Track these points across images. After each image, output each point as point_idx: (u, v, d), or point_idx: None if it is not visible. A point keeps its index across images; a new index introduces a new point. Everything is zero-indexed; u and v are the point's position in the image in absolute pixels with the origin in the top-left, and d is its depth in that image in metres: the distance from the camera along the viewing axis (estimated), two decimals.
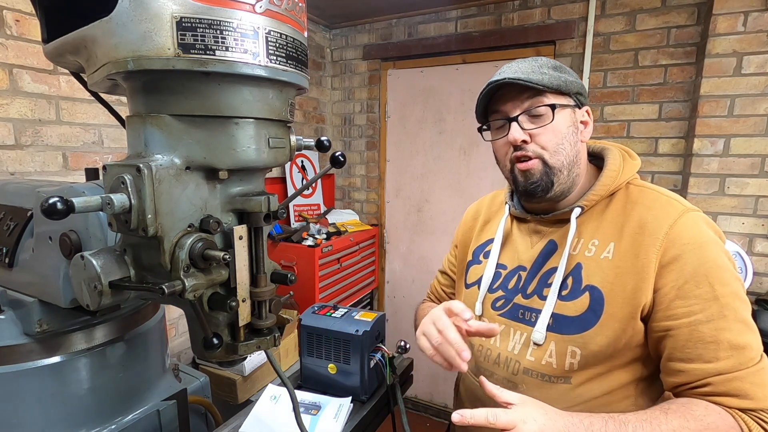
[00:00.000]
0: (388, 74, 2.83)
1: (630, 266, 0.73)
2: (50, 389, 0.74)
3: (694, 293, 0.68)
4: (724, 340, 0.66)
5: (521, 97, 0.78)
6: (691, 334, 0.68)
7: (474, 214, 1.06)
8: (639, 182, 0.82)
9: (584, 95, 0.82)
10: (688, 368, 0.68)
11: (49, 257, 0.70)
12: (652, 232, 0.73)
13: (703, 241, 0.70)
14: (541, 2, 2.29)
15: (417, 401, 2.95)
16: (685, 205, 0.75)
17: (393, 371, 1.11)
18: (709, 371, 0.66)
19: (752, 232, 1.85)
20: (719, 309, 0.67)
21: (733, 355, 0.66)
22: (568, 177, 0.80)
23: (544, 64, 0.80)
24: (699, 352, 0.67)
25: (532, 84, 0.75)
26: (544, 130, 0.77)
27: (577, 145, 0.80)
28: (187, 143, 0.52)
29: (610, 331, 0.73)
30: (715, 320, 0.67)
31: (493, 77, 0.80)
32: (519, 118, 0.78)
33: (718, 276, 0.68)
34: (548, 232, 0.85)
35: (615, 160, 0.82)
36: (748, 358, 0.66)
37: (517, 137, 0.77)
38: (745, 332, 0.67)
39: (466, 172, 2.66)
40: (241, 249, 0.56)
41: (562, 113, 0.78)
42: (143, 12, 0.46)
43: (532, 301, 0.82)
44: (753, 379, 0.66)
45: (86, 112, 1.57)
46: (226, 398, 1.83)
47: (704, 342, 0.67)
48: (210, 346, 0.55)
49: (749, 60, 1.77)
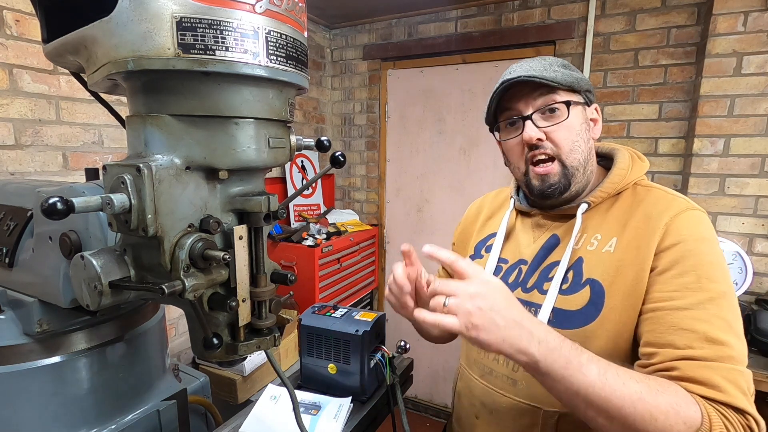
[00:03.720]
0: (388, 74, 2.83)
1: (632, 258, 0.72)
2: (50, 389, 0.74)
3: (677, 280, 0.67)
4: (700, 330, 0.63)
5: (534, 94, 0.77)
6: (665, 317, 0.66)
7: (476, 210, 1.06)
8: (647, 183, 0.82)
9: (593, 93, 0.82)
10: (658, 351, 0.65)
11: (49, 257, 0.70)
12: (654, 222, 0.72)
13: (702, 237, 0.70)
14: (541, 2, 2.29)
15: (417, 401, 2.95)
16: (692, 204, 0.75)
17: (393, 371, 1.11)
18: (677, 355, 0.63)
19: (752, 232, 1.85)
20: (700, 300, 0.64)
21: (706, 347, 0.62)
22: (583, 175, 0.80)
23: (553, 62, 0.79)
24: (671, 338, 0.64)
25: (547, 81, 0.75)
26: (558, 127, 0.77)
27: (590, 143, 0.80)
28: (187, 143, 0.53)
29: (611, 324, 0.72)
30: (694, 309, 0.64)
31: (505, 76, 0.79)
32: (533, 116, 0.77)
33: (708, 272, 0.66)
34: (552, 226, 0.85)
35: (624, 160, 0.82)
36: (726, 355, 0.61)
37: (533, 135, 0.77)
38: (727, 331, 0.63)
39: (466, 172, 2.66)
40: (241, 249, 0.56)
41: (575, 110, 0.78)
42: (143, 12, 0.46)
43: (532, 296, 0.82)
44: (726, 375, 0.60)
45: (86, 112, 1.57)
46: (226, 398, 1.83)
47: (678, 328, 0.64)
48: (210, 346, 0.55)
49: (749, 60, 1.77)
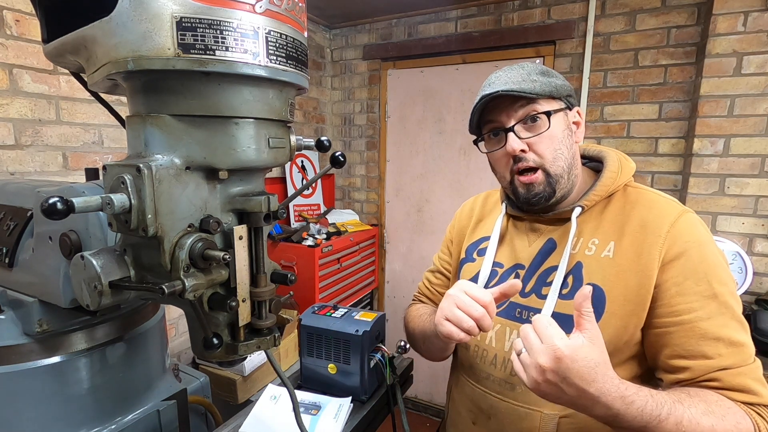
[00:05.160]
0: (388, 74, 2.83)
1: (632, 264, 0.74)
2: (50, 389, 0.74)
3: (693, 290, 0.70)
4: (725, 336, 0.68)
5: (514, 106, 0.78)
6: (693, 330, 0.69)
7: (469, 211, 1.05)
8: (635, 184, 0.84)
9: (574, 96, 0.82)
10: (691, 364, 0.69)
11: (49, 257, 0.70)
12: (653, 231, 0.74)
13: (703, 240, 0.72)
14: (541, 2, 2.29)
15: (417, 401, 2.95)
16: (681, 205, 0.78)
17: (393, 371, 1.11)
18: (714, 366, 0.67)
19: (752, 232, 1.85)
20: (718, 306, 0.69)
21: (733, 352, 0.67)
22: (568, 181, 0.80)
23: (532, 71, 0.79)
24: (702, 348, 0.68)
25: (525, 94, 0.76)
26: (540, 138, 0.77)
27: (573, 147, 0.81)
28: (187, 143, 0.52)
29: (612, 329, 0.73)
30: (715, 317, 0.68)
31: (485, 89, 0.80)
32: (515, 128, 0.78)
33: (716, 274, 0.70)
34: (547, 230, 0.85)
35: (614, 163, 0.83)
36: (747, 355, 0.68)
37: (516, 147, 0.77)
38: (741, 330, 0.69)
39: (466, 172, 2.66)
40: (241, 249, 0.56)
41: (557, 118, 0.79)
42: (143, 12, 0.46)
43: (530, 300, 0.82)
44: (753, 375, 0.67)
45: (86, 112, 1.57)
46: (226, 398, 1.83)
47: (706, 338, 0.68)
48: (210, 346, 0.55)
49: (749, 60, 1.77)
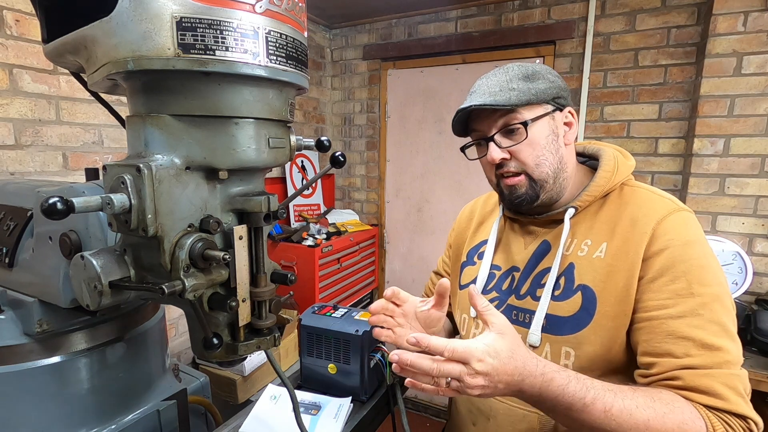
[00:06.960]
0: (388, 74, 2.83)
1: (622, 264, 0.72)
2: (50, 389, 0.74)
3: (668, 287, 0.67)
4: (696, 337, 0.64)
5: (494, 116, 0.78)
6: (661, 326, 0.66)
7: (468, 214, 1.06)
8: (633, 183, 0.82)
9: (564, 97, 0.80)
10: (657, 361, 0.66)
11: (49, 257, 0.70)
12: (641, 228, 0.72)
13: (690, 240, 0.69)
14: (541, 2, 2.29)
15: (417, 401, 2.95)
16: (677, 204, 0.75)
17: (393, 371, 1.11)
18: (678, 365, 0.64)
19: (752, 232, 1.85)
20: (693, 307, 0.65)
21: (705, 354, 0.63)
22: (554, 185, 0.79)
23: (514, 77, 0.78)
24: (669, 347, 0.65)
25: (499, 107, 0.75)
26: (520, 147, 0.77)
27: (560, 151, 0.79)
28: (187, 143, 0.53)
29: (604, 330, 0.72)
30: (688, 317, 0.65)
31: (467, 99, 0.80)
32: (495, 137, 0.78)
33: (699, 275, 0.67)
34: (542, 232, 0.85)
35: (609, 161, 0.81)
36: (722, 360, 0.63)
37: (495, 157, 0.77)
38: (721, 335, 0.64)
39: (466, 172, 2.65)
40: (241, 249, 0.56)
41: (538, 125, 0.77)
42: (143, 12, 0.47)
43: (526, 302, 0.82)
44: (726, 381, 0.62)
45: (86, 112, 1.57)
46: (226, 398, 1.83)
47: (675, 337, 0.65)
48: (210, 346, 0.55)
49: (749, 60, 1.77)
